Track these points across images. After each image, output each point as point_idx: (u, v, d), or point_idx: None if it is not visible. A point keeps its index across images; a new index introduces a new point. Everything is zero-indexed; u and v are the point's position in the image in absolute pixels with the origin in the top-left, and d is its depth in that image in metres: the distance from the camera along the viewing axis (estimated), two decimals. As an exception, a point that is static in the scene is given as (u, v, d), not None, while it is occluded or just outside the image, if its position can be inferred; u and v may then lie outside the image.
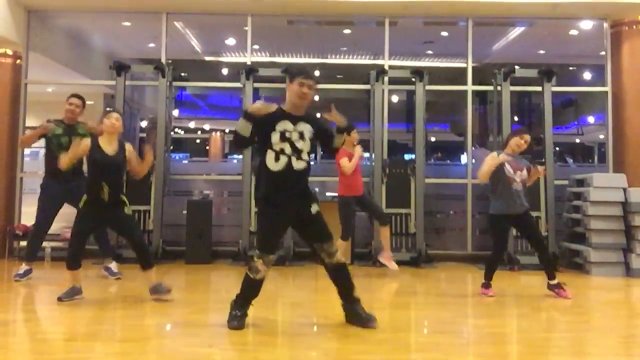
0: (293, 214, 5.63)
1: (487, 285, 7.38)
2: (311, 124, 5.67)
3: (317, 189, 10.81)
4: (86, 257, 9.80)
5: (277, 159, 5.51)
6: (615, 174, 9.96)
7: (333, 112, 5.67)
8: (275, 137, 5.51)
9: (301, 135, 5.59)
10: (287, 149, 5.52)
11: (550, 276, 7.43)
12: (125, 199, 6.86)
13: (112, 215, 6.77)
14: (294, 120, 5.60)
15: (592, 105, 14.96)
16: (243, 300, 5.63)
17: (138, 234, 6.95)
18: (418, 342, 5.53)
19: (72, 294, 6.68)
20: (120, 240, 9.28)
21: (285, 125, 5.55)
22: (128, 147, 6.94)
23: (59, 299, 6.59)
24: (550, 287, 7.40)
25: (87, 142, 6.70)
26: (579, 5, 10.32)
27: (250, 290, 5.62)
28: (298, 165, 5.56)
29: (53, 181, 8.08)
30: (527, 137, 7.42)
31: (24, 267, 8.11)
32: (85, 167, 7.78)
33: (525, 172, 7.35)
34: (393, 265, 8.79)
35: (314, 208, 5.68)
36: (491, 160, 7.24)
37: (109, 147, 6.74)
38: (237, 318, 5.57)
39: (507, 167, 7.21)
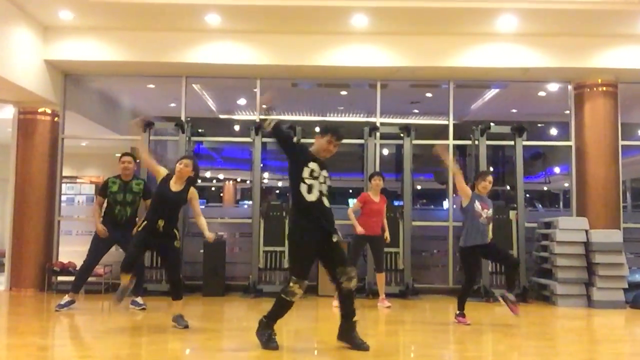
0: (320, 243, 5.71)
1: (461, 314, 7.43)
2: (327, 170, 5.86)
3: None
4: (115, 290, 9.95)
5: (309, 191, 5.64)
6: (578, 218, 10.01)
7: None
8: (306, 173, 5.66)
9: (325, 180, 5.77)
10: (317, 185, 5.67)
11: (510, 289, 7.50)
12: (177, 232, 6.97)
13: (162, 244, 6.86)
14: (321, 165, 5.78)
15: (558, 158, 14.99)
16: (272, 320, 5.71)
17: (178, 269, 7.05)
18: (405, 364, 5.61)
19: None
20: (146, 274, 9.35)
21: (314, 166, 5.72)
22: (193, 190, 7.06)
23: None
24: (504, 298, 7.45)
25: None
26: (547, 70, 10.42)
27: (282, 310, 5.70)
28: (326, 202, 5.73)
29: (107, 227, 8.22)
30: (490, 178, 7.61)
31: (66, 298, 8.15)
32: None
33: (491, 211, 7.51)
34: (385, 304, 8.90)
35: (335, 237, 5.77)
36: (466, 194, 7.45)
37: (175, 185, 6.86)
38: (272, 340, 5.66)
39: (477, 204, 7.38)
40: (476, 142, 10.50)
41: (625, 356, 6.10)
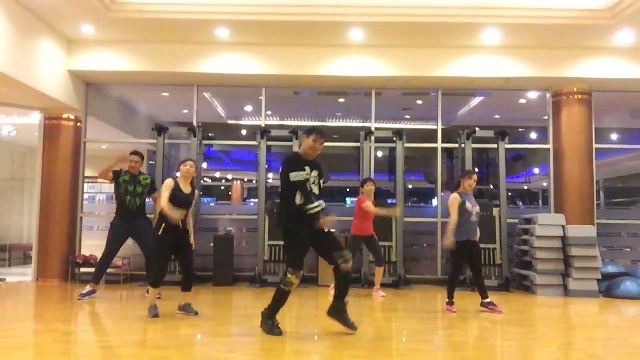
0: (311, 235, 5.72)
1: (450, 303, 7.47)
2: (318, 170, 5.86)
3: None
4: (133, 281, 9.95)
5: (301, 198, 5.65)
6: (556, 214, 10.00)
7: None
8: (302, 176, 5.67)
9: (314, 180, 5.77)
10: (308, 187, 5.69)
11: (484, 296, 7.54)
12: (189, 229, 6.97)
13: (182, 241, 6.84)
14: (311, 166, 5.79)
15: (537, 159, 14.97)
16: (274, 310, 5.77)
17: (191, 262, 7.00)
18: (399, 349, 5.57)
19: (156, 309, 6.70)
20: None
21: (307, 169, 5.73)
22: (197, 192, 7.10)
23: (155, 316, 6.60)
24: (484, 305, 7.51)
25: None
26: (527, 79, 10.45)
27: (281, 300, 5.74)
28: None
29: (121, 219, 8.24)
30: (475, 177, 7.63)
31: (88, 288, 8.19)
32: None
33: (478, 207, 7.54)
34: (380, 294, 8.90)
35: (326, 229, 5.80)
36: (455, 203, 7.42)
37: (185, 187, 6.87)
38: (276, 327, 5.72)
39: (468, 204, 7.39)
40: (463, 146, 10.51)
41: (599, 340, 6.09)
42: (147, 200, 8.53)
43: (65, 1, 8.59)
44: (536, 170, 17.22)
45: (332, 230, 5.91)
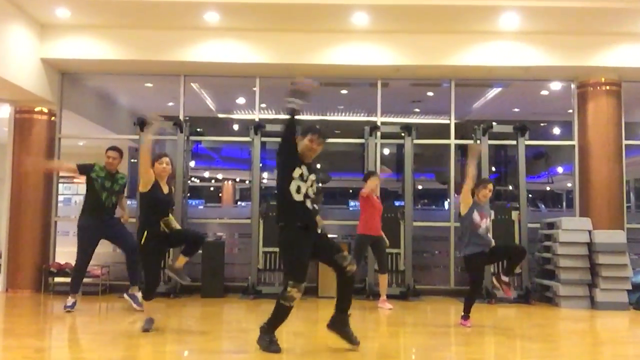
0: (310, 240, 5.72)
1: (466, 317, 7.46)
2: (315, 174, 5.87)
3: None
4: (113, 291, 9.97)
5: (298, 190, 5.65)
6: (581, 218, 10.00)
7: None
8: (297, 173, 5.66)
9: (312, 184, 5.78)
10: (303, 188, 5.68)
11: (507, 272, 7.59)
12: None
13: (169, 239, 6.88)
14: (309, 169, 5.79)
15: (561, 157, 14.99)
16: (273, 325, 5.69)
17: (187, 232, 7.30)
18: (406, 366, 5.63)
19: (151, 323, 6.71)
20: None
21: (303, 169, 5.72)
22: (173, 189, 7.18)
23: (145, 330, 6.59)
24: (499, 279, 7.56)
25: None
26: (549, 68, 10.43)
27: (282, 316, 5.67)
28: (309, 204, 5.71)
29: (91, 218, 8.25)
30: (491, 186, 7.61)
31: (70, 299, 8.20)
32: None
33: (489, 220, 7.53)
34: (387, 306, 8.91)
35: (319, 229, 5.84)
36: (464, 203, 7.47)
37: (165, 187, 6.88)
38: (274, 343, 5.65)
39: (476, 214, 7.39)
40: (478, 142, 10.48)
41: (629, 358, 6.12)
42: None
43: (37, -18, 8.62)
44: (559, 169, 17.25)
45: (325, 232, 5.93)
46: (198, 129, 11.08)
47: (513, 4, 9.31)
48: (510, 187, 12.86)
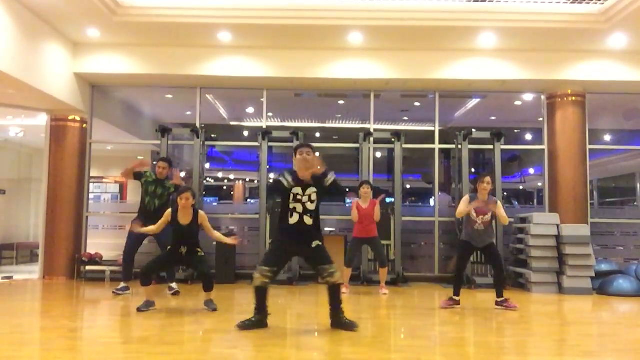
0: (295, 247, 5.97)
1: (449, 298, 7.52)
2: (317, 187, 5.90)
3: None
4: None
5: (291, 215, 5.86)
6: (550, 214, 9.97)
7: (315, 163, 5.92)
8: (290, 198, 5.86)
9: (310, 198, 5.87)
10: (299, 208, 5.84)
11: (499, 294, 7.55)
12: (199, 249, 7.12)
13: (186, 260, 7.19)
14: (304, 187, 5.88)
15: (532, 160, 14.99)
16: (255, 306, 5.92)
17: (204, 267, 7.12)
18: (397, 344, 5.59)
19: (148, 306, 6.87)
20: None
21: (297, 190, 5.87)
22: (202, 215, 7.14)
23: (138, 310, 6.77)
24: (498, 303, 7.52)
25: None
26: (522, 82, 10.45)
27: (256, 297, 5.90)
28: (308, 221, 5.88)
29: (141, 217, 8.25)
30: (488, 179, 7.51)
31: (122, 284, 8.39)
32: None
33: (488, 216, 7.46)
34: (383, 292, 8.91)
35: (315, 244, 5.93)
36: (464, 206, 7.40)
37: (183, 218, 6.97)
38: (245, 323, 5.84)
39: (472, 213, 7.37)
40: (459, 147, 10.50)
41: (593, 337, 6.11)
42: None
43: (71, 5, 8.59)
44: (531, 171, 17.24)
45: (320, 245, 5.97)
46: (212, 135, 11.08)
47: (490, 25, 9.29)
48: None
